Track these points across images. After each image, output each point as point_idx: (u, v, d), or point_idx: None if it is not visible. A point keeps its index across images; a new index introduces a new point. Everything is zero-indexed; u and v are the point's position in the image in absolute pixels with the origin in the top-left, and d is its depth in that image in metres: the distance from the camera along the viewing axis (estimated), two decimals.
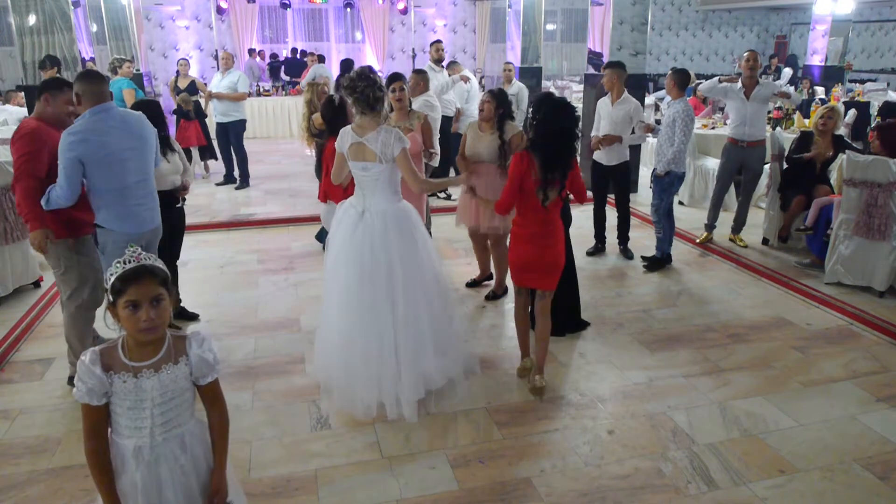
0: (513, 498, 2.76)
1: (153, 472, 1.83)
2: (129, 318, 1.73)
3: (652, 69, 16.49)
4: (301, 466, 2.95)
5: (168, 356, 1.83)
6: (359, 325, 3.26)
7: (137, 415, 1.80)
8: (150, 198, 3.48)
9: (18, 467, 2.95)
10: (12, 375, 3.77)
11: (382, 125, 3.24)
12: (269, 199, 7.77)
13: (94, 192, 3.29)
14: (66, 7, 6.15)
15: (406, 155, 3.23)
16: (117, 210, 3.31)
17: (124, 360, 1.79)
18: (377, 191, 3.29)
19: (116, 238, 3.31)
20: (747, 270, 5.43)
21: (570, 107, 3.28)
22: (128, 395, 1.78)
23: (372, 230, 3.25)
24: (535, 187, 3.24)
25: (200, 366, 1.86)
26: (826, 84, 11.42)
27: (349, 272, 3.27)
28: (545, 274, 3.45)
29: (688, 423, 3.28)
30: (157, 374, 1.80)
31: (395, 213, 3.31)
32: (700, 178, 7.34)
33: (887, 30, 17.50)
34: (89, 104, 3.23)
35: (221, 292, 4.98)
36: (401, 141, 3.20)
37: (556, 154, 3.22)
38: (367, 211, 3.30)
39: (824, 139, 5.58)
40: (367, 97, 3.18)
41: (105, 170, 3.22)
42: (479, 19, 17.43)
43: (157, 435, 1.82)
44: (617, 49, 7.60)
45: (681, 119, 5.08)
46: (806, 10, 15.35)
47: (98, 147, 3.18)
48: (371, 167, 3.24)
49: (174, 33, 15.36)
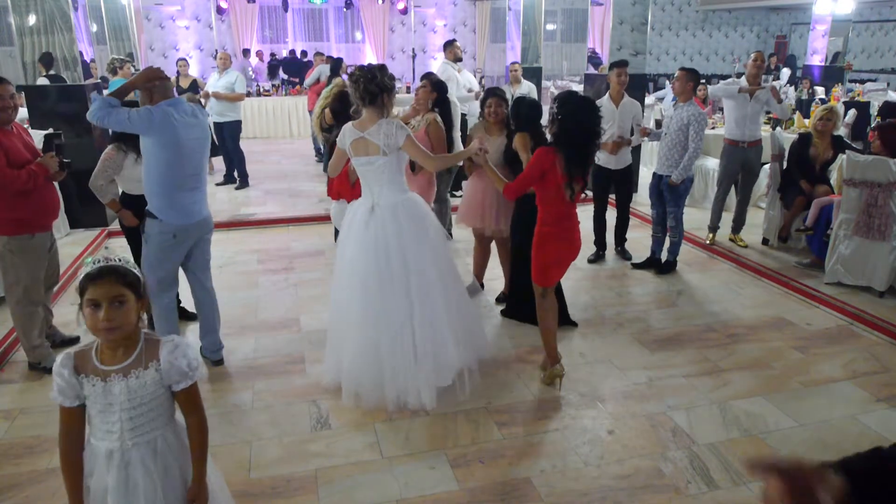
0: (513, 498, 2.76)
1: (122, 476, 1.82)
2: (90, 317, 1.73)
3: (652, 69, 16.48)
4: (301, 466, 2.95)
5: (139, 361, 1.81)
6: (377, 322, 3.31)
7: (107, 418, 1.80)
8: (199, 192, 3.62)
9: (18, 467, 2.95)
10: (12, 375, 3.77)
11: (383, 119, 3.26)
12: (269, 199, 7.77)
13: (152, 177, 3.42)
14: (66, 7, 6.15)
15: (412, 140, 3.27)
16: (168, 200, 3.45)
17: (96, 363, 1.79)
18: (383, 184, 3.32)
19: (163, 228, 3.47)
20: (747, 270, 5.43)
21: (594, 105, 3.32)
22: (97, 399, 1.78)
23: (384, 224, 3.29)
24: (563, 182, 3.27)
25: (171, 372, 1.83)
26: (826, 84, 11.42)
27: (366, 270, 3.31)
28: (569, 264, 3.59)
29: (688, 423, 3.28)
30: (125, 379, 1.78)
31: (406, 204, 3.36)
32: (700, 179, 7.34)
33: (887, 30, 17.50)
34: (161, 98, 3.38)
35: (221, 292, 4.94)
36: (403, 129, 3.24)
37: (581, 151, 3.27)
38: (376, 206, 3.34)
39: (823, 140, 5.57)
40: (364, 89, 3.22)
41: (169, 154, 3.37)
42: (479, 19, 17.43)
43: (126, 440, 1.81)
44: (617, 49, 7.60)
45: (696, 123, 4.98)
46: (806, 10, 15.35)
47: (171, 129, 3.32)
48: (375, 160, 3.27)
49: (174, 33, 15.36)
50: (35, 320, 3.72)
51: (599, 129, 3.32)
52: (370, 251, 3.30)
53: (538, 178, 3.32)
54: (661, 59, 18.44)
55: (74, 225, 6.39)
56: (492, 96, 4.37)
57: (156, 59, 14.97)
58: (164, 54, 15.11)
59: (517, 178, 3.44)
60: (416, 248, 3.31)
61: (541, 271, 3.49)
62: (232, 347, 4.05)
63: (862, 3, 14.33)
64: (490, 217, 4.43)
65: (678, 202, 5.27)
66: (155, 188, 3.43)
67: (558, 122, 3.29)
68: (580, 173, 3.30)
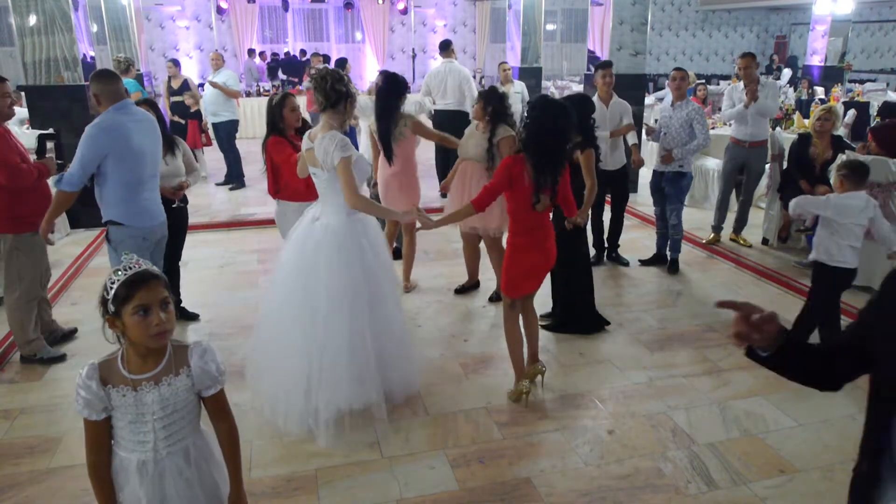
0: (513, 498, 2.76)
1: (157, 486, 1.77)
2: (140, 324, 1.66)
3: (652, 69, 16.49)
4: (301, 466, 2.95)
5: (169, 367, 1.76)
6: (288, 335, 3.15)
7: (140, 429, 1.75)
8: (156, 192, 3.67)
9: (18, 467, 2.95)
10: (12, 375, 3.77)
11: (330, 131, 3.06)
12: (268, 199, 7.69)
13: (110, 186, 3.43)
14: (66, 7, 6.15)
15: (346, 165, 2.99)
16: (131, 205, 3.47)
17: (124, 372, 1.73)
18: (326, 199, 3.18)
19: (133, 233, 3.49)
20: (747, 270, 5.43)
21: (564, 109, 3.18)
22: (128, 409, 1.73)
23: (316, 240, 3.13)
24: (531, 191, 3.16)
25: (203, 378, 1.80)
26: (826, 84, 11.43)
27: (286, 280, 3.19)
28: (542, 276, 3.48)
29: (688, 423, 3.28)
30: (157, 387, 1.73)
31: (340, 227, 3.12)
32: (700, 179, 7.34)
33: (887, 30, 17.51)
34: (109, 102, 3.38)
35: (221, 292, 4.98)
36: (342, 150, 2.98)
37: (548, 157, 3.14)
38: (317, 220, 3.20)
39: (822, 140, 5.57)
40: (331, 88, 3.04)
41: (127, 163, 3.39)
42: (479, 19, 17.45)
43: (160, 449, 1.77)
44: (617, 49, 7.60)
45: (699, 116, 5.16)
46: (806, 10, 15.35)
47: (124, 141, 3.35)
48: (318, 173, 3.14)
49: (174, 33, 15.36)
50: (32, 315, 3.80)
51: (570, 135, 3.23)
52: (295, 262, 3.16)
53: (506, 186, 3.19)
54: (661, 59, 18.45)
55: (74, 225, 6.39)
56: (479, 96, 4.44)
57: (156, 59, 14.98)
58: (165, 54, 15.10)
59: (483, 188, 3.29)
60: (331, 276, 3.07)
61: (510, 283, 3.38)
62: (232, 347, 4.05)
63: (862, 4, 14.34)
64: (483, 216, 4.41)
65: (680, 197, 5.31)
66: (118, 195, 3.43)
67: (527, 127, 3.18)
68: (549, 181, 3.16)
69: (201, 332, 4.29)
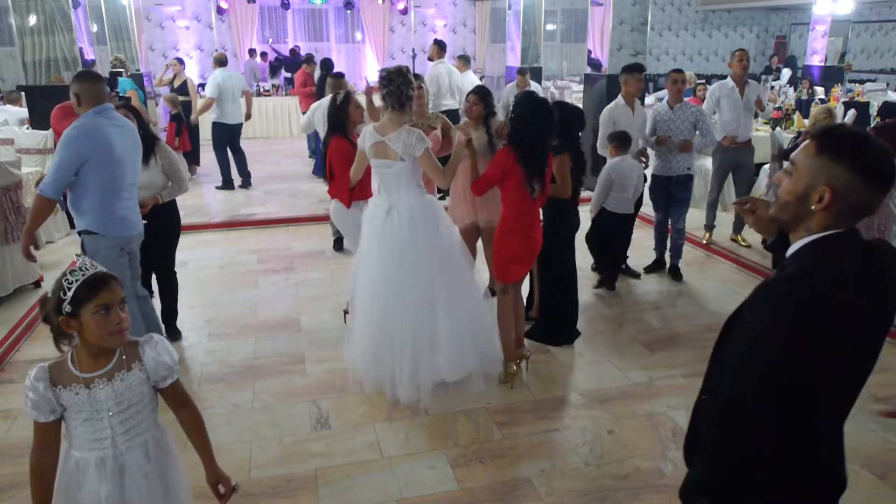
0: (513, 498, 2.76)
1: (117, 483, 1.79)
2: (101, 322, 1.70)
3: (652, 69, 16.47)
4: (301, 466, 2.95)
5: (120, 364, 1.79)
6: (385, 315, 3.40)
7: (96, 426, 1.77)
8: (135, 201, 3.48)
9: (18, 467, 2.94)
10: (12, 375, 3.78)
11: (405, 126, 3.33)
12: (269, 199, 7.77)
13: (87, 194, 3.24)
14: (66, 7, 6.15)
15: (429, 154, 3.35)
16: (108, 213, 3.30)
17: (75, 372, 1.76)
18: (401, 186, 3.40)
19: (110, 243, 3.32)
20: (747, 270, 5.43)
21: (546, 105, 3.46)
22: (82, 408, 1.75)
23: (400, 226, 3.38)
24: (524, 181, 3.38)
25: (158, 369, 1.84)
26: (826, 84, 11.42)
27: (379, 266, 3.42)
28: (531, 262, 3.71)
29: (687, 424, 3.28)
30: (110, 383, 1.76)
31: (423, 207, 3.43)
32: (700, 179, 7.32)
33: (887, 30, 17.50)
34: (90, 104, 3.21)
35: (221, 292, 4.98)
36: (423, 142, 3.31)
37: (532, 148, 3.36)
38: (393, 208, 3.42)
39: None
40: (400, 94, 3.29)
41: (108, 169, 3.23)
42: (479, 19, 17.43)
43: (119, 444, 1.80)
44: (617, 49, 7.60)
45: (703, 116, 5.14)
46: (806, 10, 15.34)
47: (106, 146, 3.19)
48: (393, 164, 3.35)
49: (174, 33, 15.35)
50: None
51: (551, 130, 3.44)
52: (388, 251, 3.39)
53: (501, 176, 3.41)
54: (661, 59, 18.44)
55: (74, 225, 6.39)
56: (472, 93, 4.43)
57: (156, 59, 14.97)
58: (165, 54, 15.09)
59: (482, 175, 3.52)
60: (431, 250, 3.40)
61: (500, 267, 3.60)
62: (232, 347, 4.06)
63: (861, 4, 14.32)
64: (482, 208, 4.41)
65: (689, 200, 5.28)
66: (94, 202, 3.25)
67: (511, 122, 3.44)
68: (536, 172, 3.39)
69: (201, 333, 4.29)
